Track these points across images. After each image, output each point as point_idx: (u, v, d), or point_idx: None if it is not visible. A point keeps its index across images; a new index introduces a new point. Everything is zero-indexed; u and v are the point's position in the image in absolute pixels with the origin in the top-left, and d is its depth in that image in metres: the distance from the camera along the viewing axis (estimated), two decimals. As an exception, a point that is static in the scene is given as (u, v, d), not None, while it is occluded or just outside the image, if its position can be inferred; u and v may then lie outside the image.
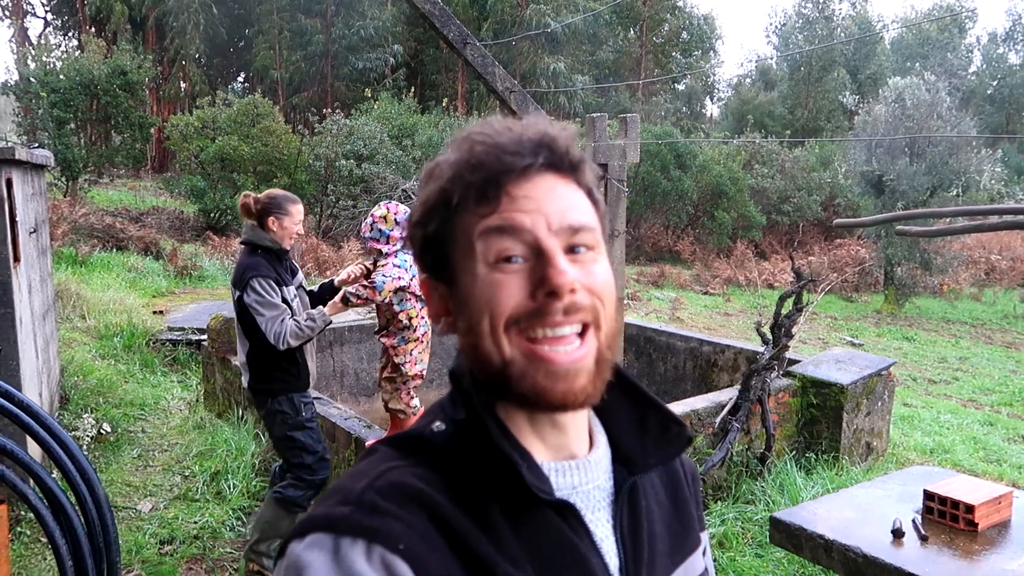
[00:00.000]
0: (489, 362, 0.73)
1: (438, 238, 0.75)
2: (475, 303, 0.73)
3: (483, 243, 0.72)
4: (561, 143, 0.75)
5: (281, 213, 3.51)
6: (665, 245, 22.00)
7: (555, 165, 0.74)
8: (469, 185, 0.72)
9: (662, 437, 0.84)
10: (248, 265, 3.46)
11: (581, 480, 0.78)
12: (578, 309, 0.71)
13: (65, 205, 13.87)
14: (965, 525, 2.93)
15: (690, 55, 38.56)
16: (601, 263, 0.75)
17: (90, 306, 8.18)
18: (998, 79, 45.99)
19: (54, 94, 16.02)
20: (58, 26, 32.46)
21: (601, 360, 0.74)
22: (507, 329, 0.71)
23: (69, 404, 5.78)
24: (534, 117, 0.77)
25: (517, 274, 0.71)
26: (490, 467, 0.73)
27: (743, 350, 6.09)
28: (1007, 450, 6.63)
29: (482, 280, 0.72)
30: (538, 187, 0.73)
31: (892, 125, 15.78)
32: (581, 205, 0.75)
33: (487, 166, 0.72)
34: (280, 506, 3.56)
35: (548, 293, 0.70)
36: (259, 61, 29.72)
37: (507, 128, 0.74)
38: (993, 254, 21.80)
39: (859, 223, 4.73)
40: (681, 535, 0.87)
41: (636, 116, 4.68)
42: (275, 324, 3.36)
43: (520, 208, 0.71)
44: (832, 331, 13.40)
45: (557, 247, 0.71)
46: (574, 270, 0.71)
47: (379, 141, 17.15)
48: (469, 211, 0.72)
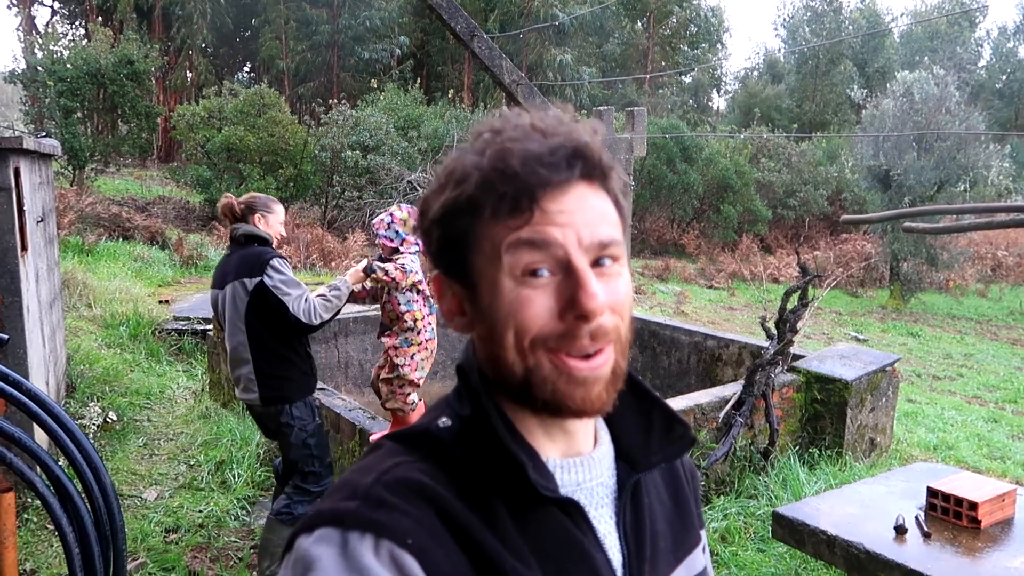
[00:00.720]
0: (512, 372, 0.72)
1: (460, 241, 0.74)
2: (499, 315, 0.72)
3: (511, 255, 0.70)
4: (595, 151, 0.73)
5: (266, 211, 3.46)
6: (670, 239, 21.98)
7: (588, 175, 0.73)
8: (502, 196, 0.70)
9: (666, 437, 0.84)
10: (259, 251, 3.33)
11: (585, 477, 0.78)
12: (604, 333, 0.71)
13: (72, 194, 13.90)
14: (968, 522, 2.93)
15: (697, 48, 38.39)
16: (624, 276, 0.74)
17: (96, 295, 8.21)
18: (1007, 73, 45.68)
19: (61, 83, 16.06)
20: (65, 15, 32.46)
21: (616, 370, 0.74)
22: (532, 346, 0.71)
23: (75, 392, 5.81)
24: (557, 112, 0.75)
25: (544, 289, 0.70)
26: (496, 464, 0.73)
27: (747, 345, 6.09)
28: (1011, 447, 6.63)
29: (508, 293, 0.71)
30: (571, 199, 0.71)
31: (900, 119, 15.71)
32: (610, 216, 0.74)
33: (521, 178, 0.69)
34: (288, 527, 3.36)
35: (578, 316, 0.69)
36: (265, 51, 29.71)
37: (538, 131, 0.71)
38: (1000, 250, 21.73)
39: (866, 219, 4.71)
40: (682, 532, 0.88)
41: (643, 110, 4.66)
42: (302, 302, 3.23)
43: (552, 222, 0.70)
44: (837, 326, 13.39)
45: (587, 265, 0.70)
46: (602, 290, 0.70)
47: (385, 132, 17.15)
48: (498, 221, 0.71)
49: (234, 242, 3.48)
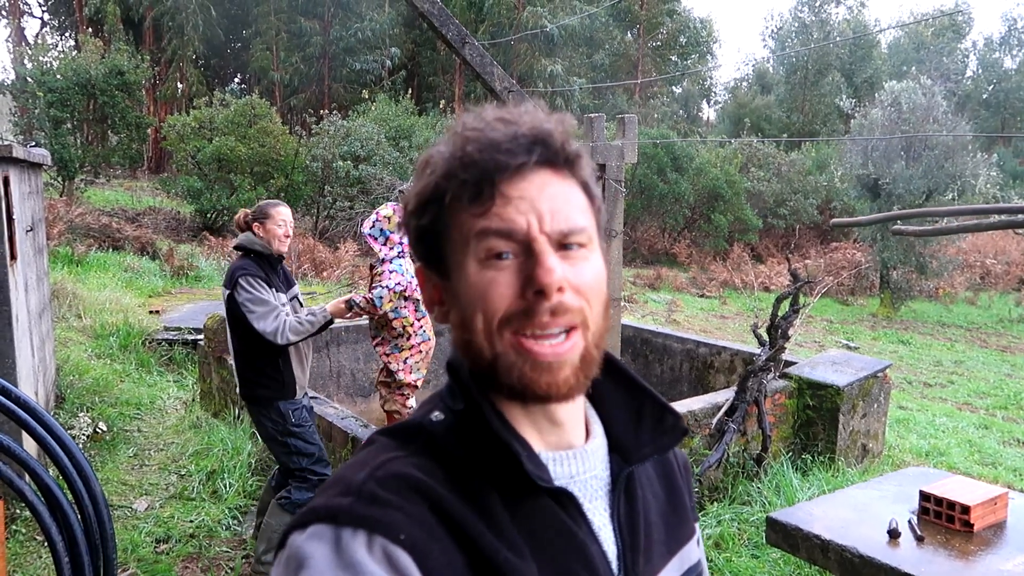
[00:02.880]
0: (480, 356, 0.73)
1: (432, 231, 0.75)
2: (468, 299, 0.73)
3: (476, 241, 0.72)
4: (557, 138, 0.73)
5: (262, 218, 3.55)
6: (662, 248, 22.04)
7: (550, 161, 0.73)
8: (463, 183, 0.71)
9: (657, 428, 0.84)
10: (238, 266, 3.50)
11: (579, 469, 0.78)
12: (566, 311, 0.71)
13: (61, 204, 13.84)
14: (961, 526, 2.94)
15: (687, 59, 38.66)
16: (592, 261, 0.74)
17: (86, 305, 8.17)
18: (993, 84, 46.19)
19: (51, 94, 16.00)
20: (55, 26, 32.42)
21: (587, 357, 0.74)
22: (500, 328, 0.72)
23: (65, 403, 5.77)
24: (530, 109, 0.76)
25: (507, 271, 0.71)
26: (490, 456, 0.73)
27: (739, 352, 6.10)
28: (1002, 453, 6.65)
29: (474, 277, 0.72)
30: (532, 185, 0.72)
31: (888, 129, 15.83)
32: (576, 201, 0.74)
33: (480, 164, 0.71)
34: (287, 512, 3.51)
35: (536, 292, 0.70)
36: (256, 62, 29.72)
37: (501, 121, 0.73)
38: (988, 258, 21.87)
39: (857, 222, 4.75)
40: (676, 525, 0.88)
41: (634, 117, 4.69)
42: (270, 320, 3.33)
43: (514, 207, 0.71)
44: (828, 334, 13.43)
45: (547, 245, 0.71)
46: (563, 268, 0.71)
47: (376, 142, 17.17)
48: (463, 208, 0.72)
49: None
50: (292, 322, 3.38)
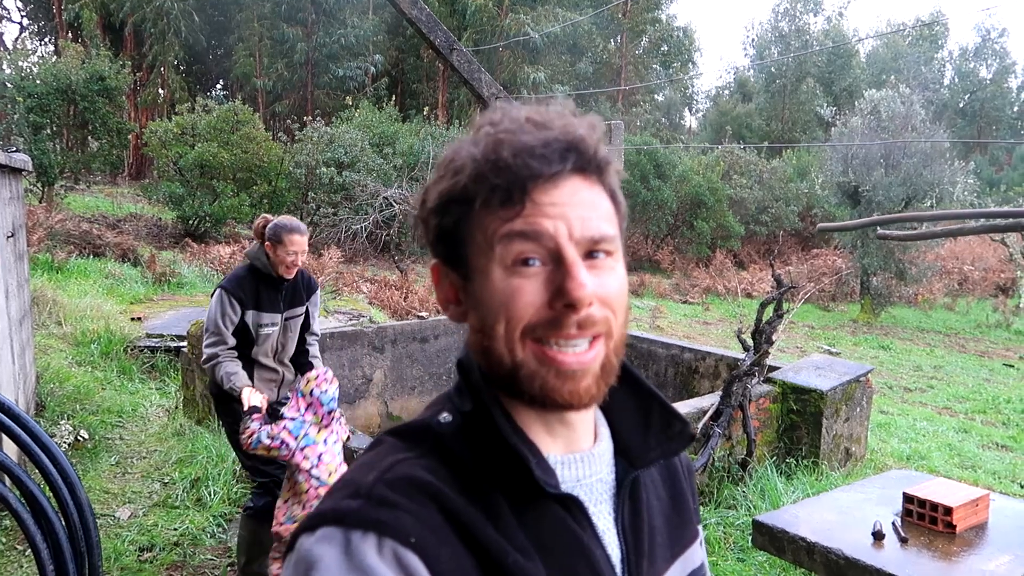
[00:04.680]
0: (501, 363, 0.73)
1: (455, 231, 0.74)
2: (491, 305, 0.72)
3: (503, 246, 0.71)
4: (590, 144, 0.73)
5: (274, 241, 3.42)
6: (645, 254, 22.15)
7: (582, 168, 0.72)
8: (494, 188, 0.70)
9: (664, 433, 0.84)
10: (230, 276, 3.49)
11: (585, 473, 0.78)
12: (592, 324, 0.71)
13: (41, 211, 13.67)
14: (944, 527, 2.98)
15: (669, 67, 38.95)
16: (618, 271, 0.74)
17: (67, 312, 8.07)
18: (969, 93, 46.93)
19: (30, 99, 15.83)
20: (34, 31, 32.12)
21: (607, 365, 0.74)
22: (523, 336, 0.71)
23: (45, 411, 5.70)
24: (559, 109, 0.74)
25: (535, 279, 0.71)
26: (498, 460, 0.73)
27: (724, 357, 6.14)
28: (981, 456, 6.74)
29: (499, 283, 0.71)
30: (563, 192, 0.71)
31: (868, 137, 16.04)
32: (604, 210, 0.74)
33: (514, 170, 0.69)
34: (258, 520, 3.52)
35: (566, 305, 0.69)
36: (239, 68, 29.59)
37: (532, 124, 0.72)
38: (966, 264, 22.17)
39: (842, 227, 4.80)
40: (679, 528, 0.88)
41: (620, 124, 4.73)
42: (209, 345, 3.39)
43: (544, 214, 0.70)
44: (809, 340, 13.55)
45: (577, 256, 0.70)
46: (592, 281, 0.70)
47: (360, 149, 17.13)
48: (491, 212, 0.71)
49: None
50: (224, 368, 3.34)
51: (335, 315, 9.33)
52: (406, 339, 6.78)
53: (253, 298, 3.44)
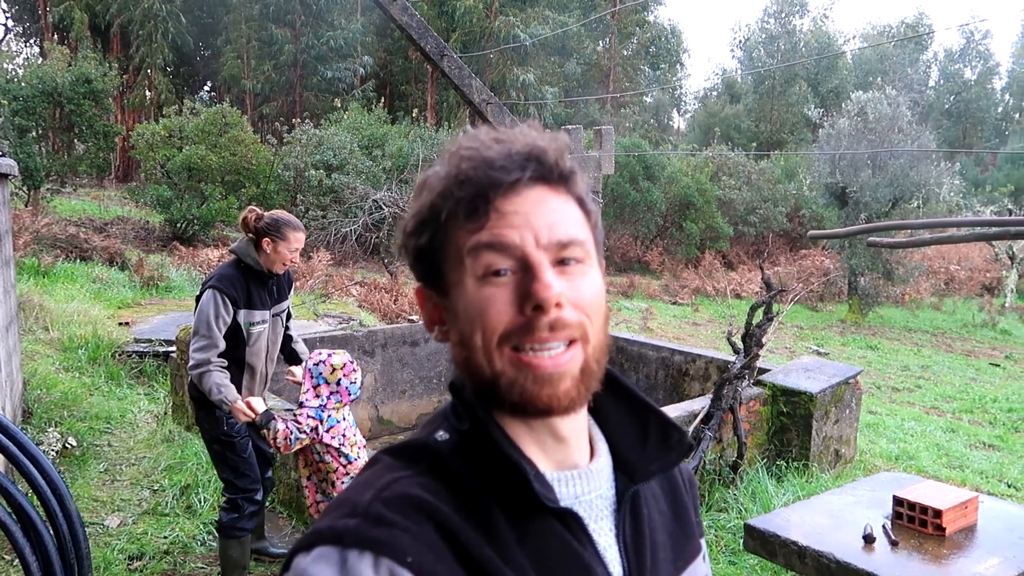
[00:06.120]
0: (481, 374, 0.73)
1: (430, 250, 0.76)
2: (467, 317, 0.73)
3: (472, 258, 0.72)
4: (551, 154, 0.74)
5: (278, 236, 3.32)
6: (634, 256, 22.19)
7: (544, 177, 0.74)
8: (458, 200, 0.72)
9: (662, 445, 0.83)
10: (220, 274, 3.35)
11: (584, 489, 0.78)
12: (564, 325, 0.71)
13: (27, 215, 13.56)
14: (933, 529, 3.00)
15: (658, 68, 39.08)
16: (591, 276, 0.75)
17: (53, 318, 8.00)
18: (955, 95, 47.32)
19: (16, 102, 15.70)
20: (19, 33, 31.87)
21: (587, 369, 0.74)
22: (499, 345, 0.72)
23: (33, 418, 5.65)
24: (524, 127, 0.76)
25: (505, 287, 0.71)
26: (496, 476, 0.73)
27: (714, 359, 6.16)
28: (969, 456, 6.79)
29: (473, 294, 0.72)
30: (527, 201, 0.72)
31: (855, 138, 16.15)
32: (571, 217, 0.75)
33: (475, 181, 0.71)
34: (224, 536, 3.48)
35: (534, 307, 0.70)
36: (227, 70, 29.45)
37: (495, 140, 0.74)
38: (952, 264, 22.35)
39: (833, 234, 4.82)
40: (682, 542, 0.87)
41: (610, 128, 4.73)
42: (199, 353, 3.21)
43: (509, 223, 0.71)
44: (798, 340, 13.62)
45: (544, 261, 0.71)
46: (561, 284, 0.71)
47: (349, 151, 17.08)
48: (459, 226, 0.72)
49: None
50: (214, 377, 3.20)
51: (325, 318, 9.30)
52: (396, 343, 6.77)
53: (244, 297, 3.37)
